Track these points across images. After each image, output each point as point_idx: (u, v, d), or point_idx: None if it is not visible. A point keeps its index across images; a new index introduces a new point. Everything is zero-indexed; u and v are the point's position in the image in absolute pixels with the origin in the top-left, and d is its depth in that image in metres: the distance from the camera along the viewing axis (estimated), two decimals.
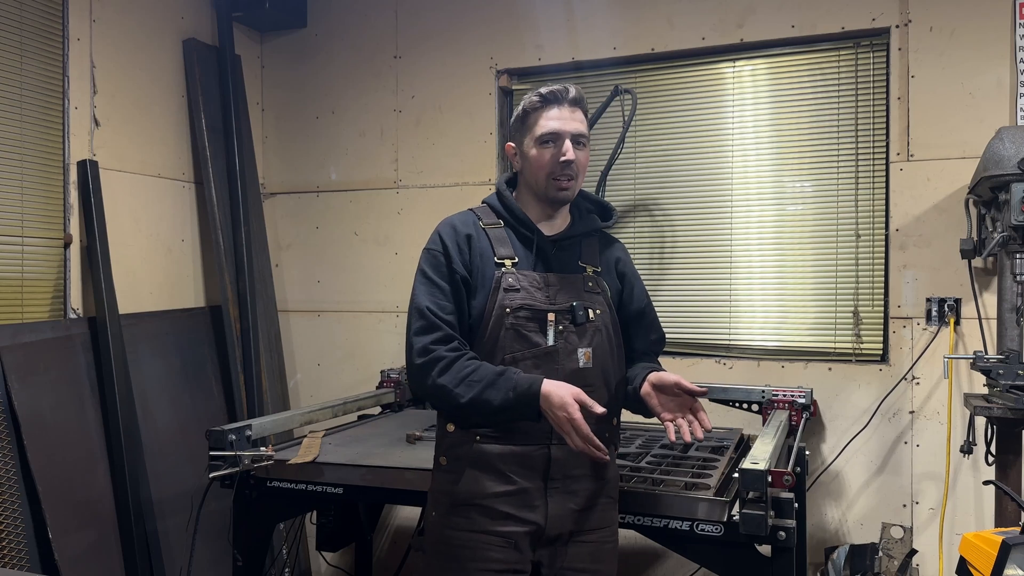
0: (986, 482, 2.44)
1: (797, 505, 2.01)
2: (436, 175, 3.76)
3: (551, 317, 1.84)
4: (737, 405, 2.99)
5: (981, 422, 2.68)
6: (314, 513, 3.18)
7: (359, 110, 3.91)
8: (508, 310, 1.83)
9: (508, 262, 1.87)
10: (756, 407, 2.94)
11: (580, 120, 1.90)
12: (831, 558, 2.92)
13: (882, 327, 3.13)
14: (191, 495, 2.65)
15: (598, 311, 1.91)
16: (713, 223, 3.38)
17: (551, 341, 1.84)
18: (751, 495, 1.88)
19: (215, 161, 3.67)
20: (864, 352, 3.15)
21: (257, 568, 2.50)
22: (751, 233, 3.33)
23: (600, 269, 1.98)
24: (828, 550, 2.99)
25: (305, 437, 2.72)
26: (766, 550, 1.96)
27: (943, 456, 2.94)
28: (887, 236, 3.10)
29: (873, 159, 3.15)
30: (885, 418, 3.06)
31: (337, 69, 3.95)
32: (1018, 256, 2.53)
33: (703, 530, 2.00)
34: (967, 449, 2.71)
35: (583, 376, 1.86)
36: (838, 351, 3.19)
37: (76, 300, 3.10)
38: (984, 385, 2.65)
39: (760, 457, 1.99)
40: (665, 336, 2.14)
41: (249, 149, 3.92)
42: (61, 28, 3.08)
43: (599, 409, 1.71)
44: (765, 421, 2.81)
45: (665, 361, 2.17)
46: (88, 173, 3.10)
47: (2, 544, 2.60)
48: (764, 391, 2.91)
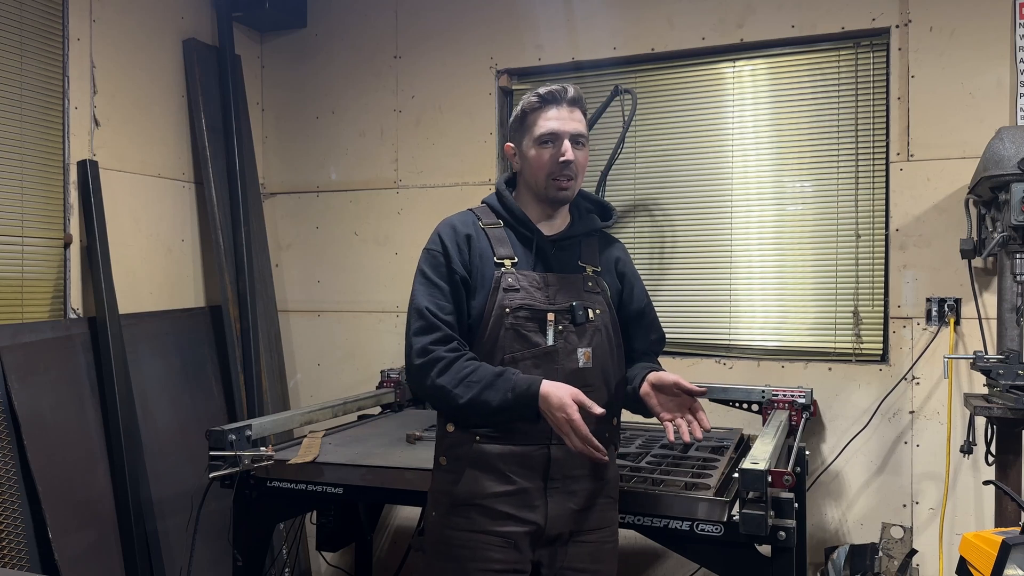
0: (986, 482, 2.44)
1: (797, 505, 2.01)
2: (436, 175, 3.76)
3: (551, 317, 1.84)
4: (737, 405, 2.99)
5: (981, 422, 2.68)
6: (314, 513, 3.18)
7: (359, 110, 3.91)
8: (508, 310, 1.83)
9: (508, 262, 1.87)
10: (756, 407, 2.94)
11: (579, 120, 1.90)
12: (831, 558, 2.92)
13: (882, 327, 3.13)
14: (191, 495, 2.65)
15: (598, 311, 1.91)
16: (713, 223, 3.38)
17: (551, 341, 1.84)
18: (751, 495, 1.88)
19: (215, 161, 3.67)
20: (864, 352, 3.15)
21: (257, 568, 2.50)
22: (751, 233, 3.33)
23: (600, 269, 1.98)
24: (828, 550, 2.99)
25: (305, 437, 2.72)
26: (766, 550, 1.96)
27: (943, 456, 2.94)
28: (887, 236, 3.10)
29: (873, 159, 3.15)
30: (885, 418, 3.06)
31: (337, 69, 3.95)
32: (1018, 256, 2.53)
33: (703, 530, 2.00)
34: (967, 449, 2.71)
35: (583, 376, 1.86)
36: (838, 351, 3.19)
37: (76, 300, 3.10)
38: (984, 385, 2.65)
39: (760, 457, 1.99)
40: (665, 336, 2.14)
41: (249, 149, 3.92)
42: (61, 28, 3.08)
43: (598, 410, 1.71)
44: (765, 421, 2.81)
45: (665, 361, 2.17)
46: (88, 173, 3.10)
47: (2, 544, 2.60)
48: (764, 391, 2.91)
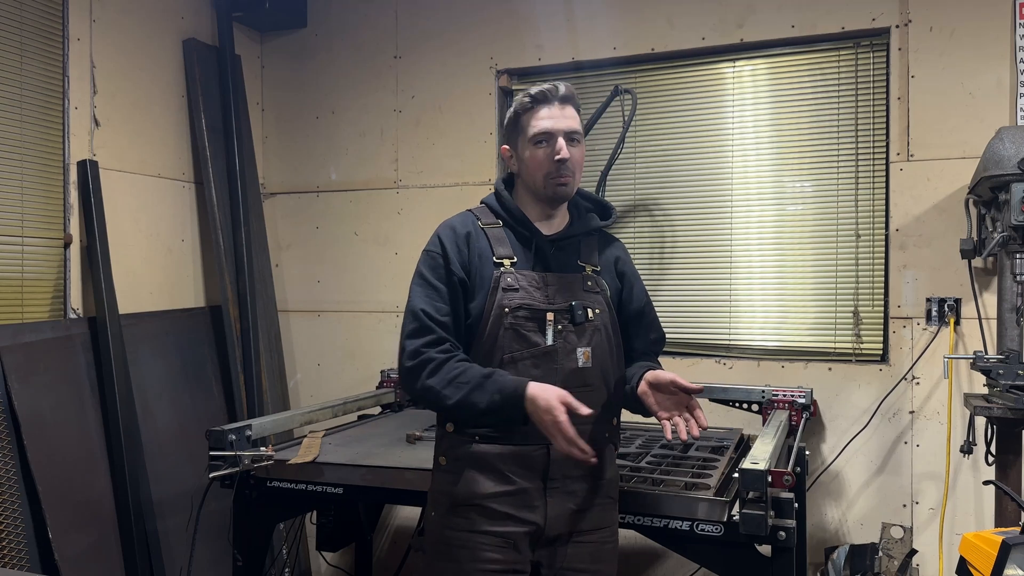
0: (986, 482, 2.44)
1: (797, 505, 2.01)
2: (436, 175, 3.76)
3: (550, 317, 1.84)
4: (737, 405, 2.99)
5: (981, 422, 2.68)
6: (314, 513, 3.18)
7: (359, 110, 3.91)
8: (507, 310, 1.83)
9: (507, 262, 1.87)
10: (756, 407, 2.94)
11: (572, 117, 1.89)
12: (831, 558, 2.92)
13: (882, 327, 3.13)
14: (191, 495, 2.65)
15: (597, 311, 1.90)
16: (713, 223, 3.38)
17: (550, 341, 1.84)
18: (751, 495, 1.88)
19: (215, 161, 3.66)
20: (864, 352, 3.15)
21: (257, 568, 2.50)
22: (751, 233, 3.33)
23: (599, 268, 1.98)
24: (828, 550, 2.99)
25: (305, 437, 2.72)
26: (766, 550, 1.96)
27: (943, 456, 2.94)
28: (887, 236, 3.10)
29: (873, 159, 3.15)
30: (885, 418, 3.06)
31: (337, 69, 3.95)
32: (1018, 256, 2.53)
33: (703, 530, 2.00)
34: (967, 449, 2.71)
35: (582, 376, 1.86)
36: (838, 351, 3.19)
37: (76, 300, 3.10)
38: (984, 385, 2.65)
39: (760, 457, 1.99)
40: (665, 336, 2.13)
41: (249, 149, 3.92)
42: (61, 28, 3.08)
43: (585, 411, 1.69)
44: (765, 421, 2.81)
45: (665, 361, 2.17)
46: (88, 173, 3.10)
47: (2, 544, 2.60)
48: (764, 391, 2.91)
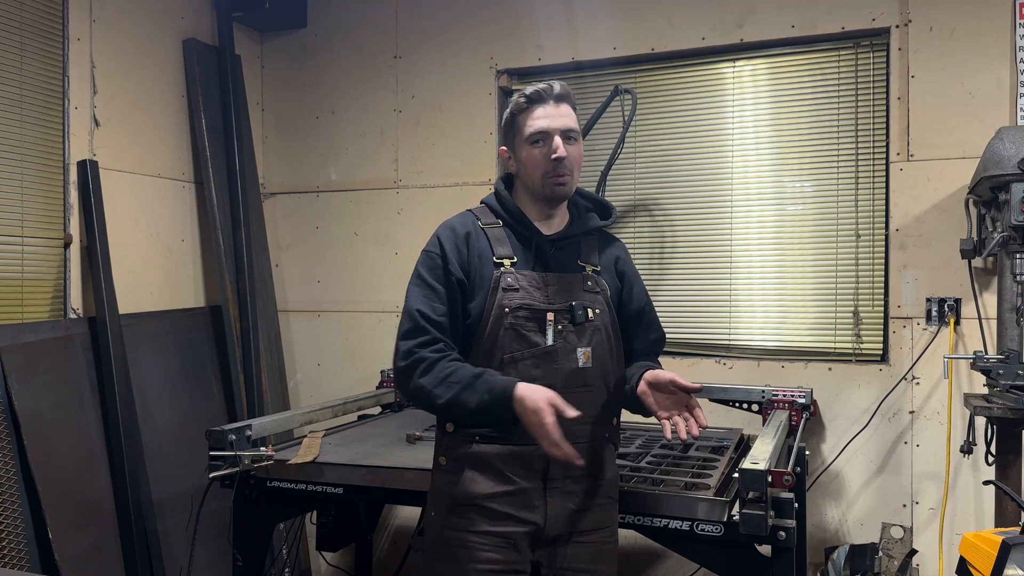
0: (986, 482, 2.44)
1: (797, 505, 2.01)
2: (436, 175, 3.76)
3: (550, 317, 1.84)
4: (737, 405, 2.99)
5: (981, 422, 2.68)
6: (314, 513, 3.18)
7: (359, 110, 3.91)
8: (507, 309, 1.82)
9: (507, 262, 1.87)
10: (756, 407, 2.94)
11: (567, 115, 1.88)
12: (831, 558, 2.92)
13: (882, 327, 3.13)
14: (191, 495, 2.65)
15: (597, 311, 1.90)
16: (713, 223, 3.38)
17: (550, 341, 1.84)
18: (751, 495, 1.88)
19: (215, 161, 3.66)
20: (864, 352, 3.15)
21: (257, 568, 2.50)
22: (751, 233, 3.33)
23: (599, 268, 1.98)
24: (828, 550, 2.99)
25: (305, 437, 2.72)
26: (766, 550, 1.96)
27: (943, 456, 2.94)
28: (887, 236, 3.10)
29: (873, 159, 3.15)
30: (885, 418, 3.06)
31: (337, 69, 3.95)
32: (1018, 256, 2.53)
33: (703, 530, 2.00)
34: (967, 449, 2.71)
35: (582, 376, 1.86)
36: (838, 351, 3.19)
37: (76, 300, 3.10)
38: (984, 385, 2.65)
39: (760, 457, 1.99)
40: (665, 336, 2.13)
41: (249, 149, 3.92)
42: (61, 28, 3.08)
43: (572, 413, 1.68)
44: (765, 421, 2.81)
45: (665, 361, 2.17)
46: (88, 173, 3.10)
47: (2, 544, 2.60)
48: (764, 391, 2.91)
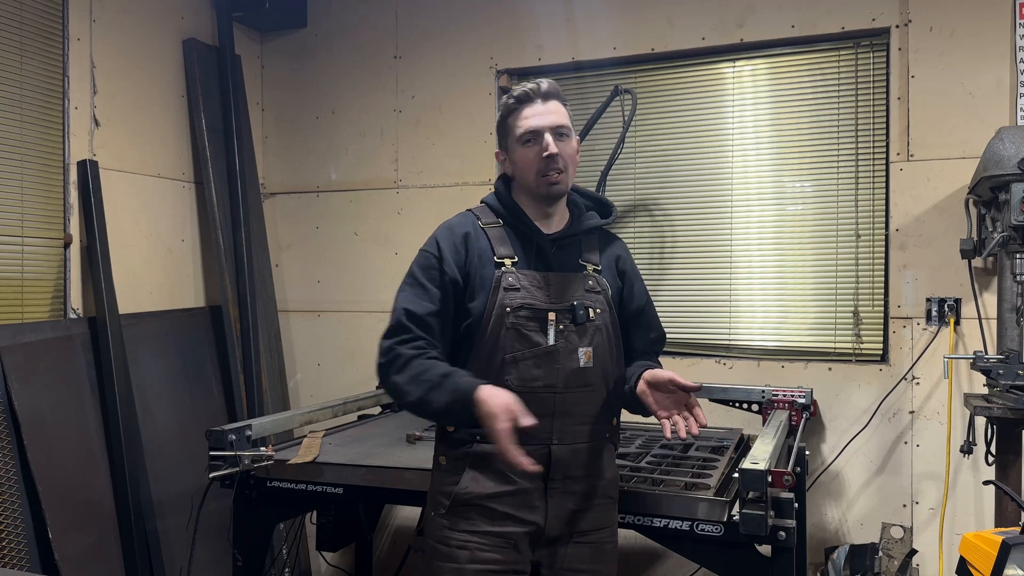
0: (986, 482, 2.44)
1: (797, 505, 2.01)
2: (436, 175, 3.76)
3: (552, 316, 1.84)
4: (737, 405, 2.99)
5: (981, 422, 2.68)
6: (314, 513, 3.18)
7: (359, 110, 3.91)
8: (508, 309, 1.82)
9: (508, 261, 1.87)
10: (756, 407, 2.94)
11: (556, 111, 1.87)
12: (831, 558, 2.92)
13: (882, 327, 3.13)
14: (191, 495, 2.65)
15: (598, 310, 1.90)
16: (713, 223, 3.38)
17: (552, 340, 1.83)
18: (751, 495, 1.87)
19: (215, 161, 3.66)
20: (864, 352, 3.15)
21: (257, 568, 2.50)
22: (751, 233, 3.33)
23: (600, 267, 1.98)
24: (828, 550, 2.99)
25: (305, 437, 2.72)
26: (766, 550, 1.96)
27: (943, 456, 2.94)
28: (887, 236, 3.10)
29: (873, 159, 3.15)
30: (885, 418, 3.06)
31: (337, 69, 3.95)
32: (1018, 256, 2.54)
33: (703, 530, 2.00)
34: (967, 449, 2.71)
35: (583, 375, 1.86)
36: (838, 351, 3.19)
37: (76, 300, 3.10)
38: (984, 385, 2.65)
39: (760, 457, 1.98)
40: (665, 335, 2.13)
41: (249, 149, 3.91)
42: (61, 28, 3.08)
43: (527, 422, 1.65)
44: (765, 421, 2.80)
45: (665, 361, 2.16)
46: (88, 173, 3.10)
47: (2, 544, 2.60)
48: (764, 391, 2.90)
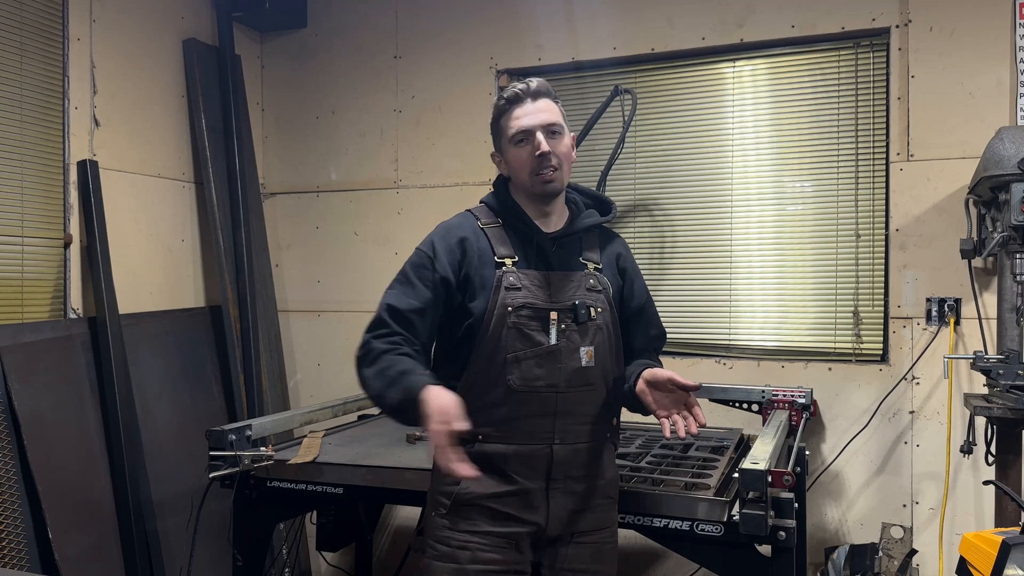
0: (986, 482, 2.44)
1: (797, 505, 2.01)
2: (436, 175, 3.76)
3: (553, 316, 1.83)
4: (737, 405, 2.99)
5: (981, 422, 2.68)
6: (314, 513, 3.18)
7: (359, 110, 3.91)
8: (510, 309, 1.82)
9: (508, 261, 1.87)
10: (756, 407, 2.94)
11: (547, 109, 1.86)
12: (831, 558, 2.92)
13: (882, 327, 3.13)
14: (191, 495, 2.65)
15: (599, 309, 1.90)
16: (713, 223, 3.38)
17: (554, 340, 1.83)
18: (751, 495, 1.88)
19: (215, 161, 3.66)
20: (864, 352, 3.15)
21: (257, 568, 2.50)
22: (751, 233, 3.33)
23: (601, 265, 1.97)
24: (828, 550, 2.99)
25: (305, 437, 2.72)
26: (766, 550, 1.96)
27: (943, 456, 2.94)
28: (887, 236, 3.10)
29: (873, 159, 3.15)
30: (885, 418, 3.06)
31: (337, 69, 3.95)
32: (1018, 256, 2.54)
33: (703, 530, 2.00)
34: (967, 449, 2.72)
35: (585, 375, 1.86)
36: (838, 351, 3.19)
37: (76, 300, 3.09)
38: (984, 385, 2.65)
39: (760, 457, 1.98)
40: (665, 333, 2.13)
41: (249, 149, 3.91)
42: (61, 28, 3.08)
43: (459, 426, 1.63)
44: (765, 421, 2.80)
45: (665, 361, 2.16)
46: (88, 173, 3.10)
47: (2, 544, 2.60)
48: (764, 391, 2.90)
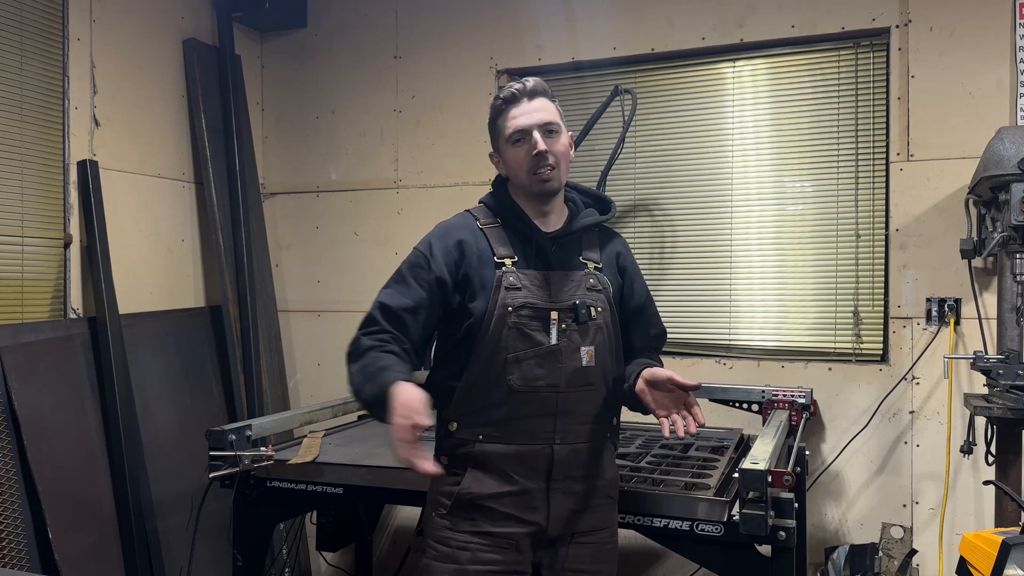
0: (986, 482, 2.44)
1: (797, 505, 2.01)
2: (436, 175, 3.76)
3: (554, 316, 1.83)
4: (737, 405, 2.99)
5: (981, 422, 2.68)
6: (314, 513, 3.18)
7: (359, 110, 3.91)
8: (510, 308, 1.82)
9: (508, 261, 1.86)
10: (756, 407, 2.94)
11: (543, 108, 1.86)
12: (831, 558, 2.92)
13: (882, 327, 3.13)
14: (191, 495, 2.65)
15: (600, 308, 1.89)
16: (713, 223, 3.38)
17: (554, 340, 1.83)
18: (751, 495, 1.88)
19: (215, 161, 3.66)
20: (864, 352, 3.15)
21: (257, 568, 2.50)
22: (751, 233, 3.33)
23: (601, 265, 1.97)
24: (828, 550, 2.99)
25: (305, 437, 2.72)
26: (766, 550, 1.96)
27: (943, 456, 2.94)
28: (887, 236, 3.10)
29: (873, 159, 3.15)
30: (885, 418, 3.06)
31: (337, 69, 3.95)
32: (1018, 256, 2.54)
33: (703, 530, 2.00)
34: (967, 449, 2.72)
35: (586, 375, 1.86)
36: (838, 351, 3.19)
37: (76, 300, 3.09)
38: (984, 385, 2.65)
39: (760, 457, 1.98)
40: (666, 331, 2.12)
41: (249, 149, 3.91)
42: (61, 28, 3.08)
43: (424, 422, 1.61)
44: (765, 421, 2.80)
45: (665, 361, 2.15)
46: (88, 173, 3.10)
47: (2, 544, 2.60)
48: (764, 391, 2.90)
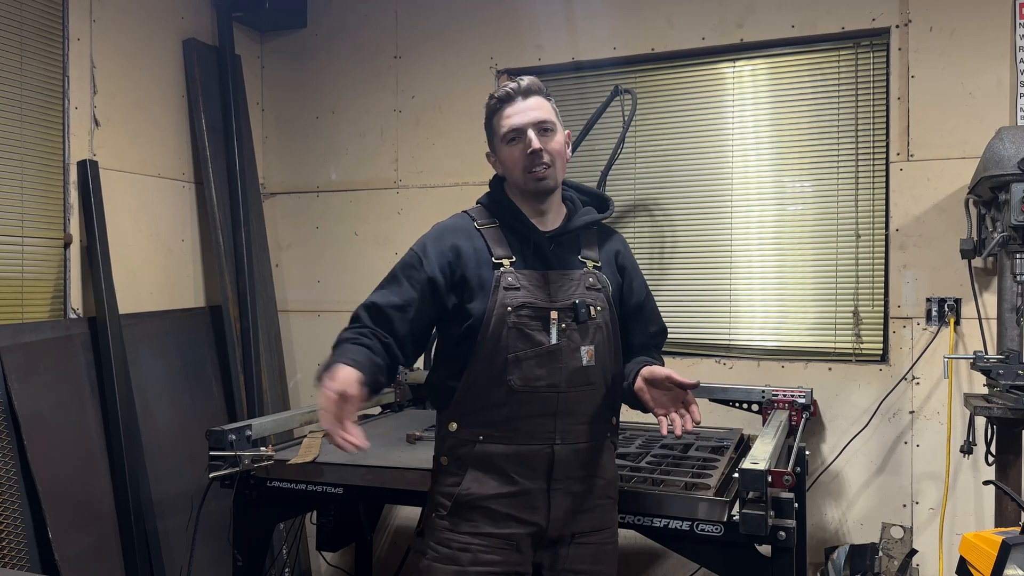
0: (986, 482, 2.44)
1: (797, 505, 2.01)
2: (436, 175, 3.76)
3: (554, 315, 1.83)
4: (737, 405, 2.99)
5: (981, 422, 2.68)
6: (314, 513, 3.18)
7: (359, 110, 3.91)
8: (510, 308, 1.81)
9: (506, 261, 1.86)
10: (756, 407, 2.93)
11: (538, 107, 1.87)
12: (831, 558, 2.92)
13: (882, 327, 3.13)
14: (191, 495, 2.65)
15: (599, 308, 1.89)
16: (713, 223, 3.38)
17: (554, 339, 1.83)
18: (751, 495, 1.87)
19: (215, 161, 3.66)
20: (864, 352, 3.15)
21: (257, 568, 2.50)
22: (751, 233, 3.33)
23: (600, 263, 1.97)
24: (828, 550, 2.99)
25: (305, 437, 2.72)
26: (766, 550, 1.96)
27: (943, 456, 2.94)
28: (887, 236, 3.10)
29: (873, 159, 3.15)
30: (885, 418, 3.06)
31: (337, 69, 3.95)
32: (1018, 256, 2.54)
33: (703, 530, 2.00)
34: (967, 449, 2.72)
35: (585, 374, 1.86)
36: (838, 351, 3.19)
37: (76, 300, 3.09)
38: (984, 385, 2.65)
39: (760, 457, 1.98)
40: (666, 328, 2.12)
41: (249, 149, 3.91)
42: (61, 28, 3.08)
43: (351, 392, 1.61)
44: (765, 421, 2.80)
45: (665, 360, 2.16)
46: (88, 173, 3.10)
47: (2, 544, 2.60)
48: (764, 391, 2.90)
